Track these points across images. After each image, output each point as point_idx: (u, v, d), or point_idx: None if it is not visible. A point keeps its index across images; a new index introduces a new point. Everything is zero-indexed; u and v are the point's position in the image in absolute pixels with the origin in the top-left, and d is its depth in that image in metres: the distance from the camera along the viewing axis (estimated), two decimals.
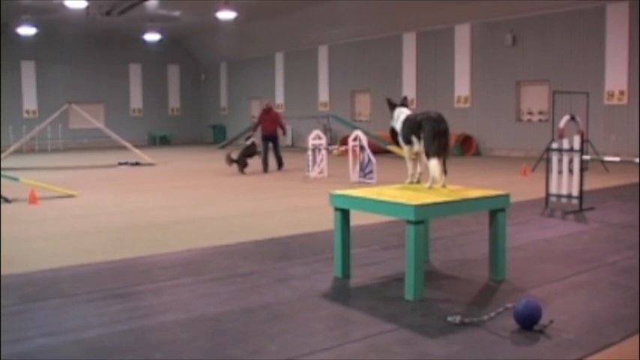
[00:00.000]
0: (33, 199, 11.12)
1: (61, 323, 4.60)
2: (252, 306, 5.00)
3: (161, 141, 36.95)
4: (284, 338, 4.27)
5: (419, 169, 6.16)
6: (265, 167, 17.40)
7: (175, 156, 25.87)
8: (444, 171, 5.77)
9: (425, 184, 5.87)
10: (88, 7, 25.15)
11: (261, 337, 4.28)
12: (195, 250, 7.22)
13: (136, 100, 37.80)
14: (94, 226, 9.06)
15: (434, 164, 5.66)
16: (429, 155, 5.70)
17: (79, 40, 33.33)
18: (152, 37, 32.54)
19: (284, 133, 18.61)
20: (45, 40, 31.72)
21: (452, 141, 22.16)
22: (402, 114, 6.16)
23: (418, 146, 5.85)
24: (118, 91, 36.76)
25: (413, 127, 5.88)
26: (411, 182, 6.11)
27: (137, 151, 21.90)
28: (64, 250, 7.28)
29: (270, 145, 17.74)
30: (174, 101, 39.51)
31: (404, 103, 6.39)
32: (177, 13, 29.59)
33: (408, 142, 5.99)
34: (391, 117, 6.32)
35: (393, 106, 6.37)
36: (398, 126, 6.15)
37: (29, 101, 33.50)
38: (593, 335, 4.25)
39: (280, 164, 17.92)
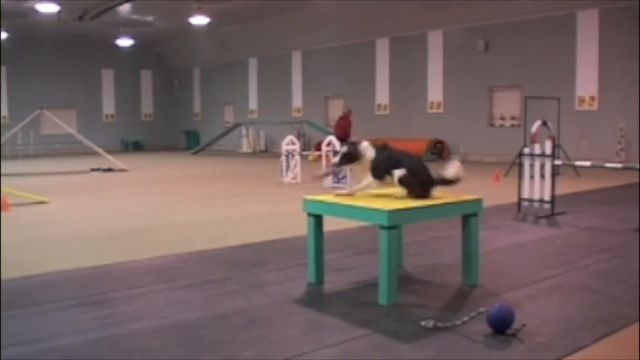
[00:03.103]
0: (5, 207, 10.98)
1: (33, 332, 4.54)
2: (226, 312, 4.98)
3: (134, 147, 36.74)
4: (258, 344, 4.26)
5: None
6: None
7: (148, 162, 25.72)
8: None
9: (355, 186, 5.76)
10: (60, 12, 24.98)
11: (235, 344, 4.27)
12: (169, 256, 7.17)
13: (109, 106, 37.58)
14: (66, 232, 8.97)
15: (369, 182, 5.65)
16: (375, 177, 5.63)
17: (51, 45, 33.03)
18: (125, 42, 32.36)
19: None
20: (16, 44, 31.42)
21: (423, 148, 22.36)
22: (368, 150, 5.73)
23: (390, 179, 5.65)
24: (91, 96, 36.52)
25: (392, 163, 5.62)
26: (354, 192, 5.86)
27: (110, 157, 21.74)
28: (36, 258, 7.20)
29: None
30: (147, 107, 39.33)
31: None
32: (150, 19, 29.45)
33: (379, 177, 5.69)
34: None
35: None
36: (367, 159, 5.72)
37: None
38: (565, 338, 4.28)
39: None
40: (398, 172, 5.53)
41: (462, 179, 5.72)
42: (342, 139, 18.33)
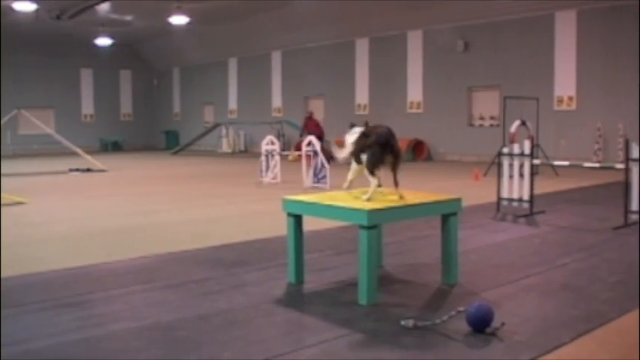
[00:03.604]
0: None
1: (10, 334, 4.49)
2: (206, 313, 4.96)
3: (113, 147, 36.51)
4: (238, 345, 4.25)
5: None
6: None
7: (128, 162, 25.59)
8: (396, 183, 5.58)
9: (363, 195, 5.58)
10: (37, 11, 24.75)
11: (214, 344, 4.25)
12: (148, 257, 7.14)
13: (88, 106, 37.32)
14: (45, 233, 8.91)
15: (374, 182, 5.49)
16: (371, 172, 5.51)
17: (29, 44, 32.75)
18: (104, 41, 32.15)
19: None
20: None
21: (403, 148, 22.41)
22: (353, 134, 5.87)
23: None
24: (69, 96, 36.25)
25: (362, 144, 5.64)
26: (348, 188, 5.91)
27: (88, 157, 21.57)
28: (14, 259, 7.12)
29: None
30: (126, 107, 39.11)
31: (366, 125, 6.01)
32: (129, 18, 29.29)
33: (359, 161, 5.72)
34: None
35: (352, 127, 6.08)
36: (349, 142, 5.88)
37: None
38: (544, 337, 4.31)
39: None
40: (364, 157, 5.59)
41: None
42: (320, 137, 19.61)
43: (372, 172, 5.53)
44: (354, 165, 5.83)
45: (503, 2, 21.68)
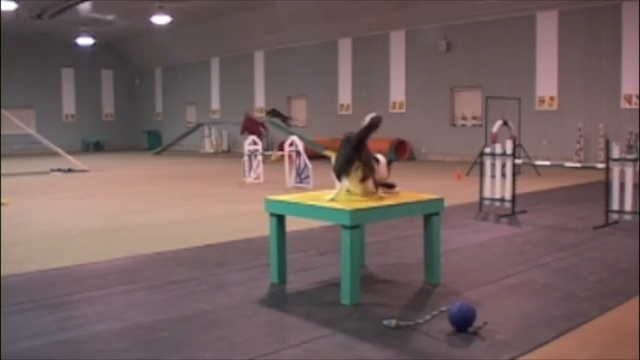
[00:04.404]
0: None
1: None
2: (188, 313, 4.94)
3: (95, 147, 36.32)
4: (220, 345, 4.23)
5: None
6: None
7: (109, 162, 25.46)
8: (376, 186, 5.50)
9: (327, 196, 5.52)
10: (17, 10, 24.56)
11: (196, 345, 4.24)
12: (130, 257, 7.10)
13: (69, 106, 37.10)
14: (25, 234, 8.84)
15: (339, 186, 5.42)
16: (338, 175, 5.41)
17: (9, 43, 32.46)
18: (85, 41, 31.99)
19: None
20: None
21: (386, 148, 22.44)
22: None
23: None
24: (50, 96, 36.01)
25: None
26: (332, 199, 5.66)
27: (70, 157, 21.47)
28: None
29: None
30: (108, 107, 38.92)
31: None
32: (110, 17, 29.16)
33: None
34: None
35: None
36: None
37: None
38: (526, 336, 4.32)
39: None
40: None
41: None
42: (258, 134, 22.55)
43: (338, 175, 5.40)
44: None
45: (486, 2, 21.79)
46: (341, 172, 5.39)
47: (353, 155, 5.33)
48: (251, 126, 25.53)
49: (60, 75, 36.58)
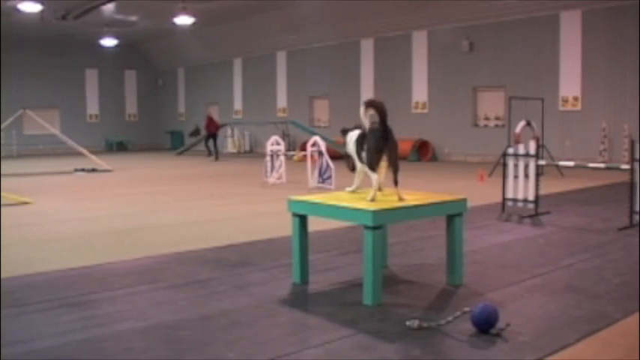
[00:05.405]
0: None
1: (13, 334, 4.50)
2: (210, 313, 4.96)
3: (118, 147, 36.60)
4: (242, 345, 4.24)
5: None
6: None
7: (132, 162, 25.62)
8: (395, 182, 5.51)
9: (367, 196, 5.52)
10: (42, 12, 24.80)
11: (219, 345, 4.25)
12: (152, 257, 7.14)
13: (93, 106, 37.40)
14: (49, 234, 8.91)
15: (375, 177, 5.44)
16: (371, 168, 5.45)
17: (34, 44, 32.86)
18: (109, 42, 32.26)
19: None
20: None
21: (408, 149, 22.41)
22: (353, 136, 5.83)
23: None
24: (74, 96, 36.34)
25: (362, 142, 5.59)
26: (353, 191, 5.89)
27: (93, 157, 21.64)
28: (17, 259, 7.13)
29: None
30: (131, 107, 39.19)
31: (357, 126, 5.90)
32: (134, 18, 29.35)
33: (362, 160, 5.66)
34: (344, 144, 5.99)
35: (345, 133, 6.05)
36: (351, 148, 5.84)
37: None
38: (548, 337, 4.29)
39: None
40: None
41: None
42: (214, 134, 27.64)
43: (372, 167, 5.46)
44: (359, 167, 5.79)
45: (508, 2, 21.67)
46: (373, 163, 5.44)
47: (383, 145, 5.40)
48: (210, 125, 28.04)
49: (84, 75, 36.88)
